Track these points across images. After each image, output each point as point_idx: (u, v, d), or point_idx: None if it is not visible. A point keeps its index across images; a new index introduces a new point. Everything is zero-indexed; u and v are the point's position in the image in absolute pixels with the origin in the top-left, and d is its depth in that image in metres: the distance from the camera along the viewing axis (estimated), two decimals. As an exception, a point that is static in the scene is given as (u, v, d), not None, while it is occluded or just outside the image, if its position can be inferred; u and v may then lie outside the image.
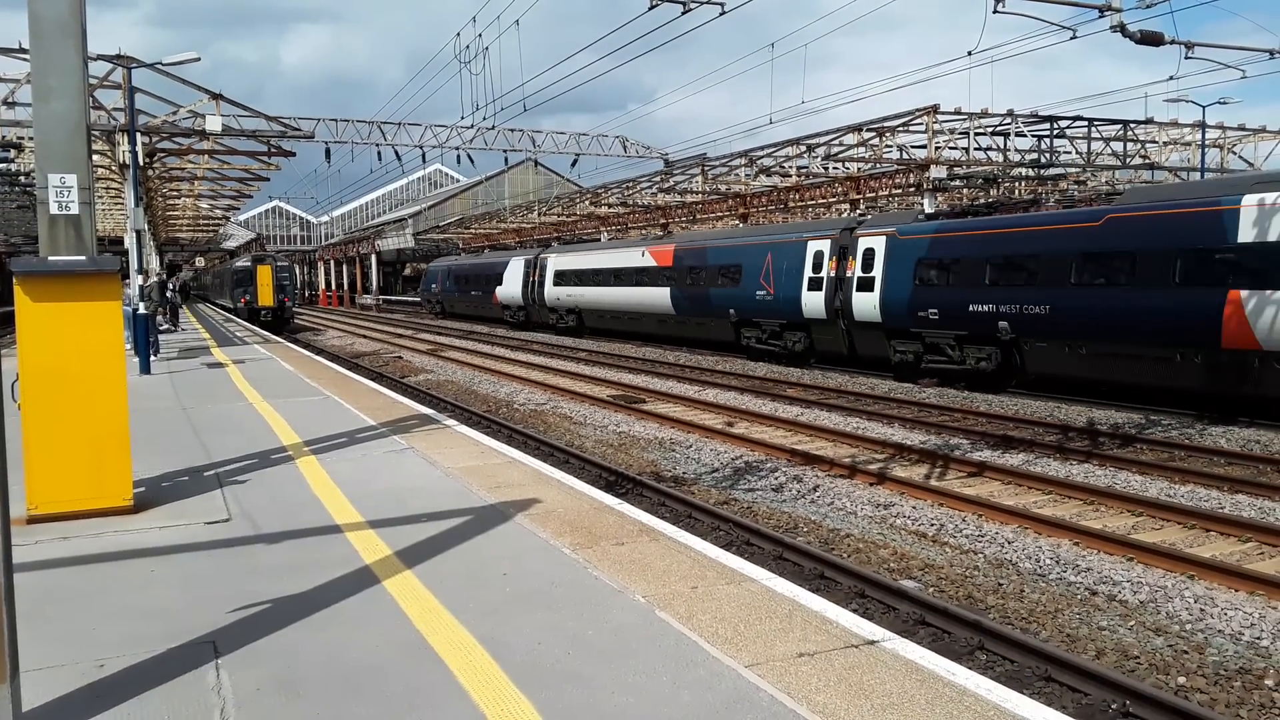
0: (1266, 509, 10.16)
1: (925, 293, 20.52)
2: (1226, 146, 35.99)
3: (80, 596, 5.17)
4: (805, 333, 24.79)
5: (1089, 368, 17.49)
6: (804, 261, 24.32)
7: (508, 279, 43.85)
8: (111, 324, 6.73)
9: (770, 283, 25.52)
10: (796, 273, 24.51)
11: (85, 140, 7.00)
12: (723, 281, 27.75)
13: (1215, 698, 5.91)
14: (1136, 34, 13.63)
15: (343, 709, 3.78)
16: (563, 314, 39.17)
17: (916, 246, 20.97)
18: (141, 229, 22.52)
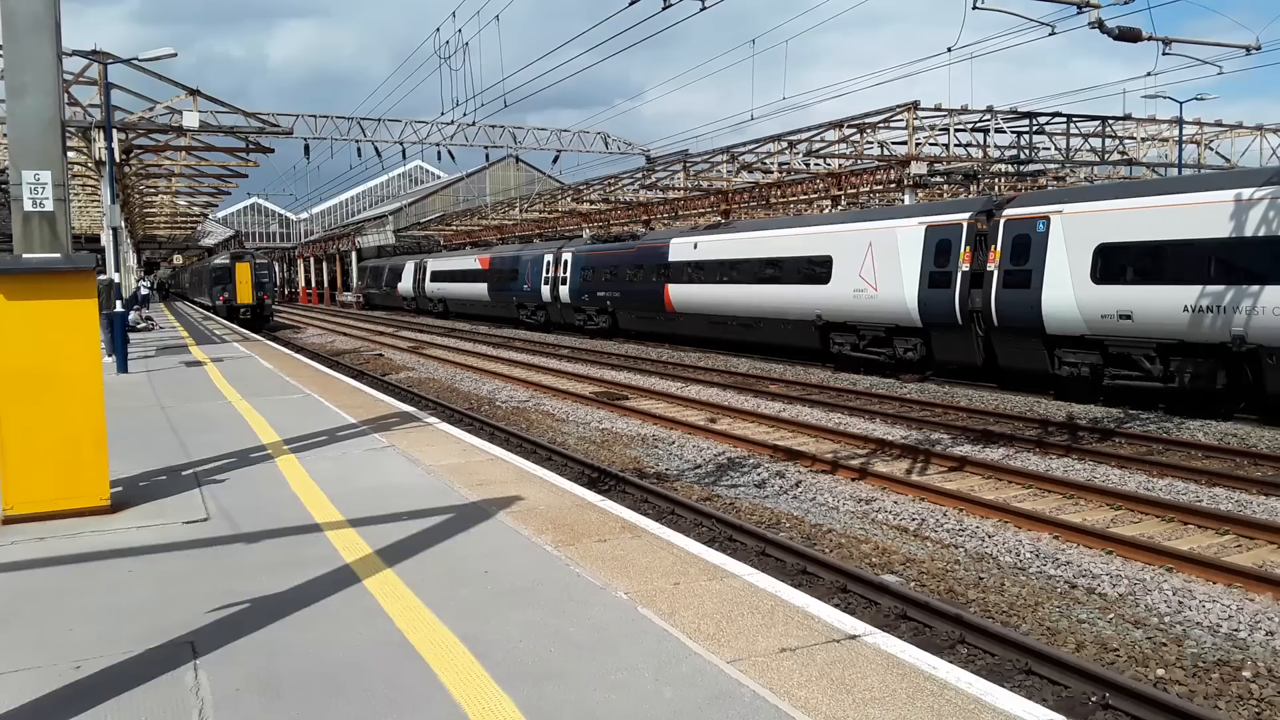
0: (1244, 502, 10.26)
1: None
2: (1204, 142, 36.32)
3: (57, 597, 5.12)
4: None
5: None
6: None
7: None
8: (87, 322, 6.66)
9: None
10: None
11: (60, 137, 6.92)
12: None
13: (1194, 689, 5.96)
14: (1114, 30, 13.73)
15: (323, 709, 3.76)
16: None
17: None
18: (118, 226, 22.32)
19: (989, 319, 18.73)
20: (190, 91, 25.69)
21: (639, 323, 33.13)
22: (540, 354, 29.38)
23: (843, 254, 22.78)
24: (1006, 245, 18.45)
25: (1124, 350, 16.38)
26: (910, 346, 21.24)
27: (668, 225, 43.64)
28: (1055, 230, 17.49)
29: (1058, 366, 17.61)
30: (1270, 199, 14.41)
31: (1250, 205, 14.63)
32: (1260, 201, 14.50)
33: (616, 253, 34.59)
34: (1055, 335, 17.50)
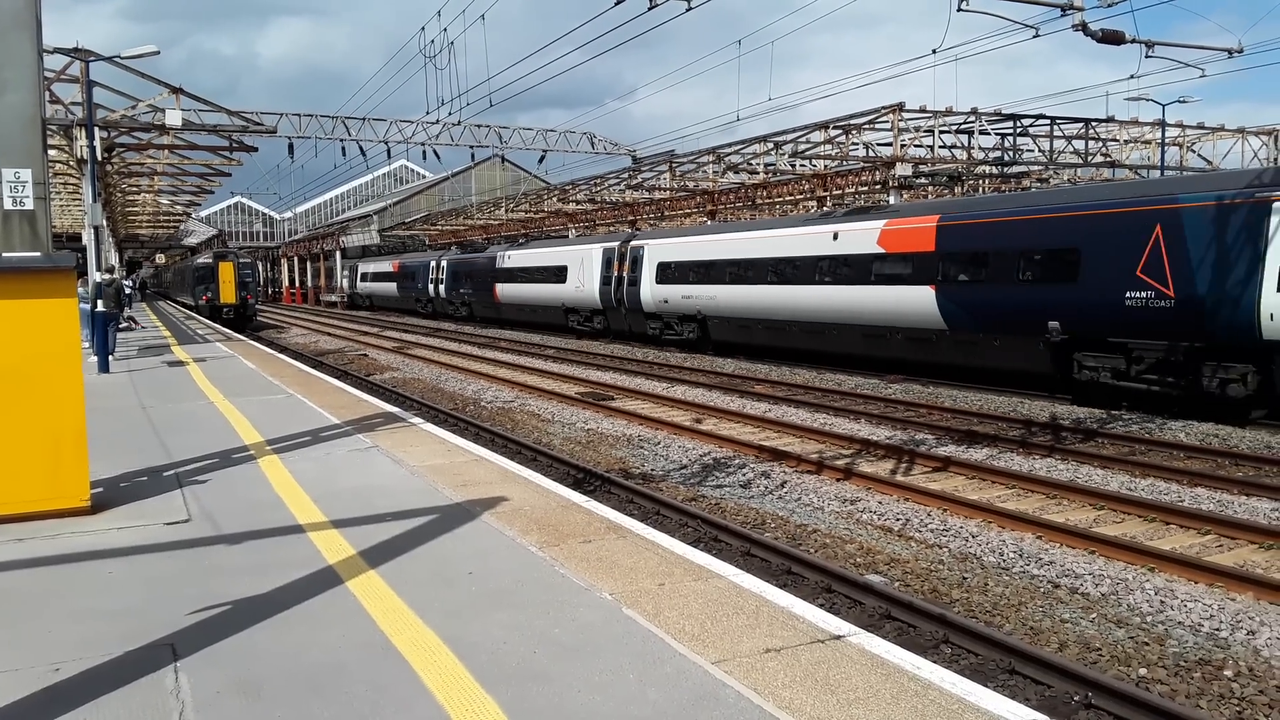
0: (1225, 502, 10.32)
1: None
2: (1186, 145, 36.57)
3: (36, 599, 5.07)
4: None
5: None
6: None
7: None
8: (67, 321, 6.60)
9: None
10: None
11: (40, 134, 6.85)
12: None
13: (1175, 689, 5.99)
14: (1098, 33, 13.82)
15: (304, 711, 3.73)
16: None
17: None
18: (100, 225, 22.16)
19: (624, 304, 32.11)
20: (173, 90, 25.54)
21: (483, 310, 46.01)
22: (525, 354, 29.34)
23: (572, 264, 35.76)
24: (629, 262, 31.66)
25: (668, 319, 30.35)
26: (598, 321, 34.88)
27: (654, 225, 43.70)
28: (647, 254, 30.92)
29: (651, 329, 31.04)
30: (705, 240, 29.01)
31: (701, 245, 28.86)
32: (710, 242, 28.62)
33: (470, 260, 47.60)
34: (648, 311, 30.77)
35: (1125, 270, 16.02)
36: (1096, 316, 16.60)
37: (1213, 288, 14.90)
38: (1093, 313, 16.66)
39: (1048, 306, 17.35)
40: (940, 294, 19.68)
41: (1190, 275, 15.17)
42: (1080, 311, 16.87)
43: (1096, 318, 16.61)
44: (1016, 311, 18.04)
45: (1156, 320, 15.66)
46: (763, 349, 26.43)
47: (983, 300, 18.94)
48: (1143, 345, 16.01)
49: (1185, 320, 15.28)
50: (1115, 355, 16.53)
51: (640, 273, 31.07)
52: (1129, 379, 16.38)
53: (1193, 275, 15.15)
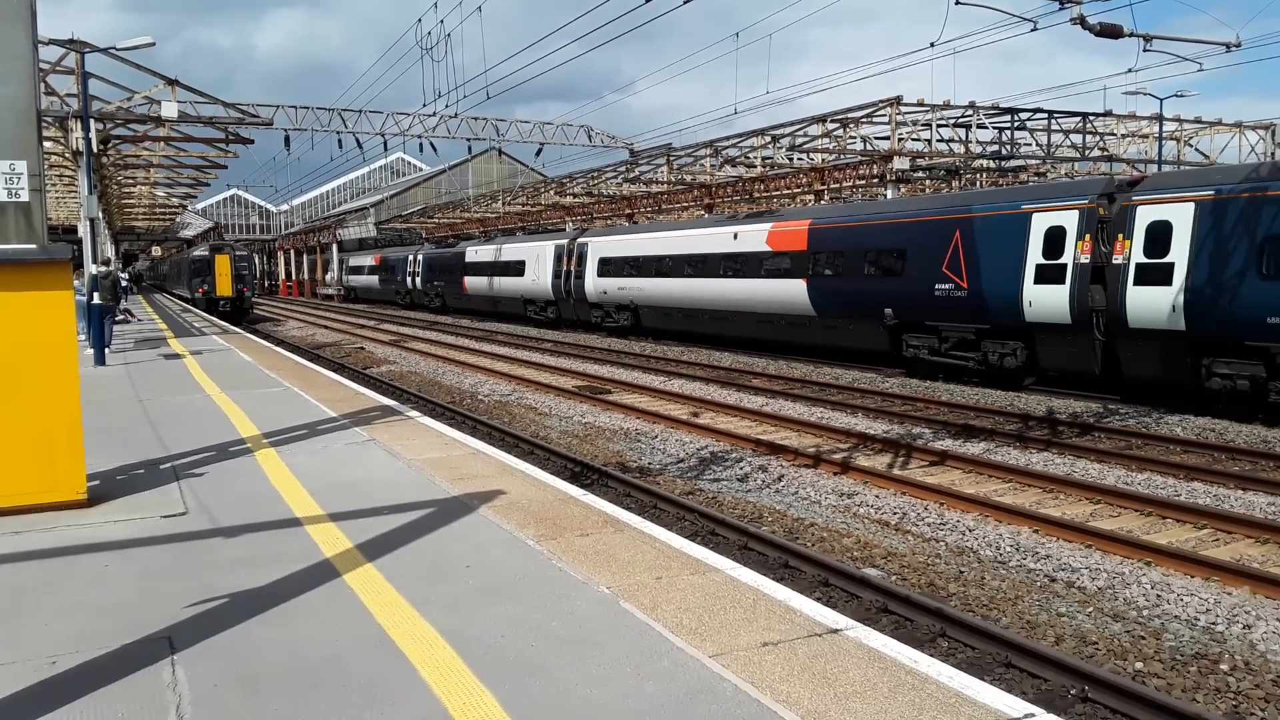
0: (1221, 496, 10.34)
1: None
2: (1183, 139, 36.56)
3: (32, 592, 5.06)
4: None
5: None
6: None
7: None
8: (63, 314, 6.58)
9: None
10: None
11: (35, 126, 6.82)
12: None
13: (1172, 683, 6.00)
14: (1096, 26, 13.80)
15: (302, 704, 3.72)
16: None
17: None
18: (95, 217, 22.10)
19: (572, 295, 35.86)
20: (169, 81, 25.45)
21: (454, 301, 49.76)
22: (524, 348, 29.32)
23: (529, 259, 39.24)
24: (576, 258, 35.47)
25: (608, 308, 34.02)
26: (550, 311, 38.50)
27: (650, 219, 43.68)
28: (591, 251, 34.46)
29: (594, 317, 34.70)
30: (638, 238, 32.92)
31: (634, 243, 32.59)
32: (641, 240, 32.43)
33: (443, 254, 51.23)
34: (592, 301, 34.69)
35: (935, 267, 19.75)
36: (917, 304, 20.32)
37: (992, 281, 18.61)
38: (914, 301, 20.36)
39: (884, 296, 21.11)
40: (810, 286, 23.48)
41: (978, 271, 18.91)
42: (906, 300, 20.61)
43: (917, 305, 20.34)
44: (863, 300, 21.81)
45: (956, 307, 19.45)
46: (683, 334, 30.20)
47: (840, 291, 22.80)
48: (948, 327, 19.84)
49: (975, 307, 19.04)
50: (930, 336, 20.32)
51: (585, 267, 34.89)
52: (941, 355, 20.11)
53: (979, 271, 18.88)
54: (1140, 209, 16.23)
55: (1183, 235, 15.50)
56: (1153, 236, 15.93)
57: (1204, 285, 15.10)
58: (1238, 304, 14.69)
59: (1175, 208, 15.73)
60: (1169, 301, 15.50)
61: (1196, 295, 15.17)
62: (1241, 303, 14.64)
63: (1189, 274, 15.27)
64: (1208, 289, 15.06)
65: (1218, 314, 14.97)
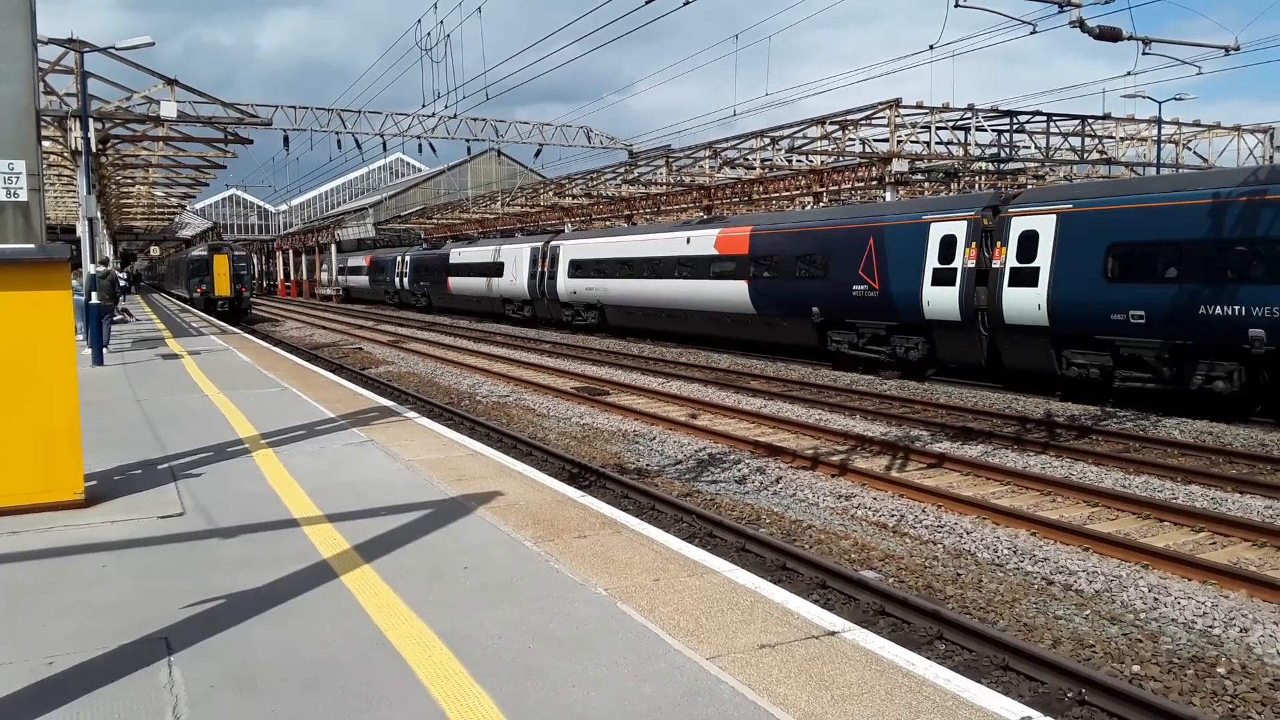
0: (1219, 499, 10.35)
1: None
2: (1182, 142, 36.59)
3: (29, 592, 5.05)
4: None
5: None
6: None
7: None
8: (61, 314, 6.58)
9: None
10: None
11: (34, 125, 6.82)
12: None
13: (1169, 686, 6.00)
14: (1095, 29, 13.81)
15: (298, 706, 3.72)
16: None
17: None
18: (94, 217, 22.08)
19: (546, 295, 37.60)
20: (168, 81, 25.44)
21: (439, 300, 51.27)
22: (522, 349, 29.32)
23: (508, 261, 41.19)
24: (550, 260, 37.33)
25: (577, 307, 35.67)
26: (526, 310, 40.47)
27: (650, 220, 43.68)
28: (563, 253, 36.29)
29: (565, 316, 36.53)
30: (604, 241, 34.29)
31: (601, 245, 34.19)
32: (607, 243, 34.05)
33: (428, 256, 53.29)
34: (563, 301, 36.52)
35: (853, 271, 21.83)
36: (838, 304, 22.49)
37: (898, 284, 20.59)
38: (836, 301, 22.51)
39: (812, 297, 23.34)
40: (751, 287, 25.64)
41: (887, 275, 20.91)
42: (829, 300, 22.74)
43: (838, 305, 22.51)
44: (795, 300, 24.02)
45: (870, 306, 21.57)
46: (644, 331, 32.01)
47: (775, 292, 24.89)
48: (864, 324, 22.02)
49: (885, 306, 21.09)
50: (850, 332, 22.52)
51: (557, 269, 36.73)
52: (858, 349, 22.27)
53: (888, 275, 20.88)
54: (1014, 219, 18.25)
55: (1046, 243, 17.47)
56: (1023, 244, 17.91)
57: (1062, 287, 17.14)
58: (1088, 303, 16.70)
59: (1041, 219, 17.73)
60: (1035, 301, 17.53)
61: (1056, 295, 17.18)
62: (1091, 302, 16.65)
63: (1051, 277, 17.26)
64: (1064, 290, 17.09)
65: (1072, 312, 16.99)
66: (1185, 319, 15.28)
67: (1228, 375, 15.03)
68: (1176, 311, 15.41)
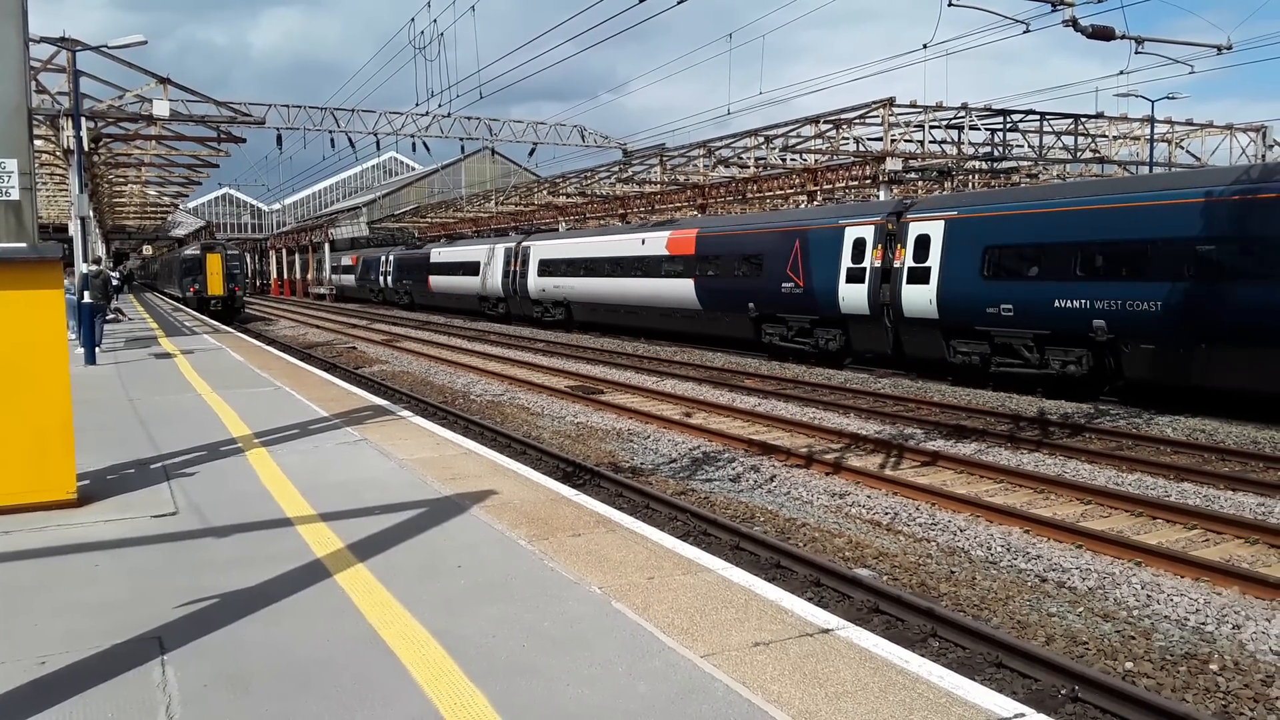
0: (1211, 497, 10.38)
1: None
2: (1174, 141, 36.68)
3: (21, 591, 5.04)
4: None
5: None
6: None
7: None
8: (54, 313, 6.56)
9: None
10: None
11: (26, 124, 6.80)
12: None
13: (1162, 682, 6.02)
14: (1088, 28, 13.84)
15: (292, 705, 3.72)
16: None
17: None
18: (86, 216, 22.00)
19: (518, 293, 39.56)
20: (161, 80, 25.35)
21: (420, 298, 52.80)
22: (516, 348, 29.30)
23: (484, 260, 42.60)
24: (521, 259, 38.95)
25: (546, 304, 37.22)
26: (501, 307, 41.84)
27: (644, 219, 43.65)
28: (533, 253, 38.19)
29: (535, 313, 38.30)
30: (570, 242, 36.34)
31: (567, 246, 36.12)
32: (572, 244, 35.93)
33: (411, 255, 55.02)
34: (533, 298, 38.20)
35: (782, 270, 23.94)
36: (771, 300, 24.58)
37: (819, 282, 22.79)
38: (769, 297, 24.59)
39: (749, 293, 25.48)
40: (697, 285, 27.76)
41: (810, 274, 23.10)
42: (763, 297, 24.84)
43: (771, 301, 24.58)
44: (734, 297, 26.17)
45: (797, 302, 23.70)
46: (606, 326, 33.97)
47: (718, 289, 27.06)
48: (792, 318, 24.19)
49: (808, 302, 23.27)
50: (780, 325, 24.65)
51: (529, 268, 38.67)
52: (788, 341, 24.37)
53: (811, 274, 23.08)
54: (911, 224, 20.36)
55: (936, 246, 19.58)
56: (918, 246, 20.02)
57: (948, 284, 19.30)
58: (968, 298, 18.84)
59: (932, 224, 19.89)
60: (928, 297, 19.68)
61: (943, 292, 19.31)
62: (970, 297, 18.79)
63: (939, 275, 19.41)
64: (950, 287, 19.26)
65: (956, 306, 19.14)
66: (1043, 312, 17.39)
67: (1078, 360, 17.09)
68: (1036, 305, 17.55)
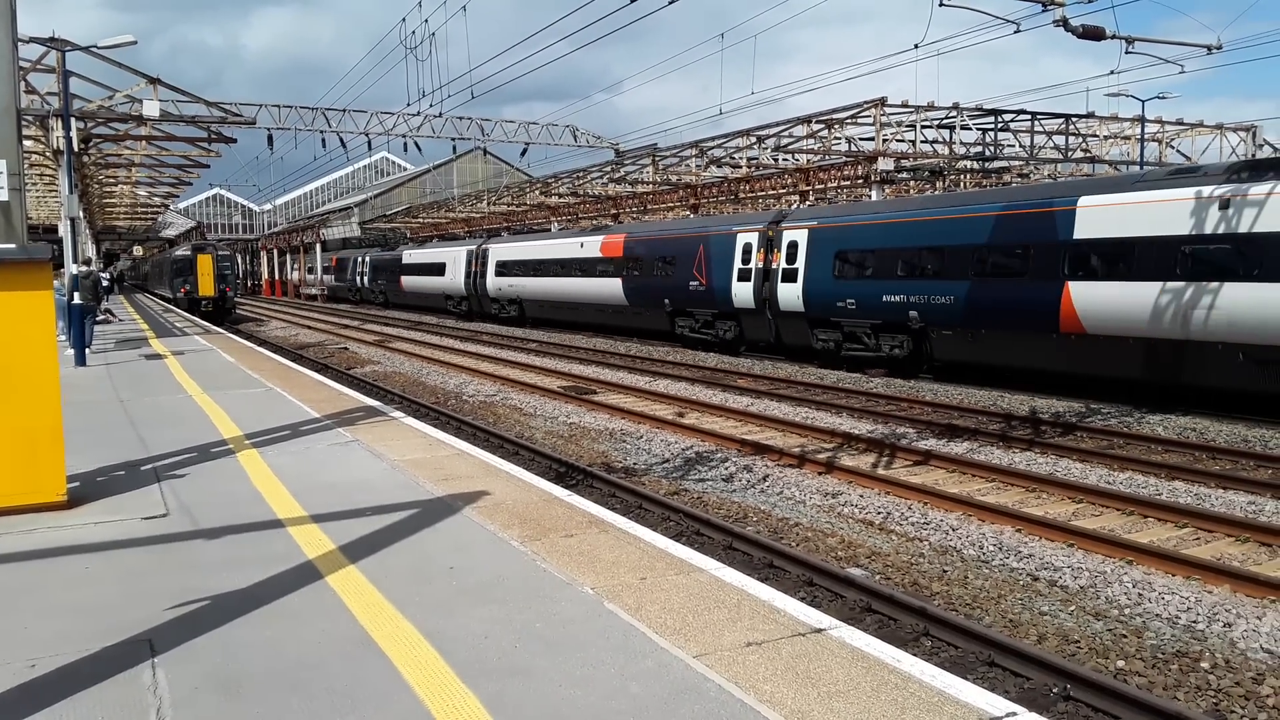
0: (1202, 495, 10.42)
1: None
2: (1165, 140, 36.80)
3: (11, 594, 5.01)
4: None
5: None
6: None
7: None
8: (43, 314, 6.53)
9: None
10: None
11: (15, 124, 6.77)
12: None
13: (1153, 680, 6.04)
14: (1079, 28, 13.87)
15: (284, 706, 3.70)
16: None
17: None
18: (76, 217, 21.92)
19: (478, 292, 42.82)
20: (151, 80, 25.28)
21: (393, 296, 56.34)
22: (509, 348, 29.29)
23: (449, 262, 45.92)
24: (481, 261, 42.10)
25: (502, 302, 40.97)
26: (464, 305, 44.96)
27: (636, 219, 43.69)
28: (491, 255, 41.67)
29: (492, 310, 41.85)
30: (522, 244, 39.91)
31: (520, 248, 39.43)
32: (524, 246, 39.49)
33: (384, 257, 58.60)
34: (491, 297, 41.61)
35: (690, 270, 27.66)
36: (681, 297, 28.33)
37: (718, 280, 26.45)
38: (680, 294, 28.37)
39: (664, 290, 29.24)
40: (624, 283, 31.28)
41: (711, 274, 26.74)
42: (675, 294, 28.63)
43: (682, 297, 28.34)
44: (653, 294, 29.93)
45: (700, 299, 27.48)
46: (554, 322, 37.26)
47: (640, 287, 30.63)
48: (698, 312, 27.87)
49: (710, 298, 26.94)
50: (689, 319, 28.42)
51: (487, 269, 42.07)
52: (695, 332, 28.13)
53: (712, 274, 26.71)
54: (785, 232, 24.08)
55: (802, 251, 23.33)
56: (790, 251, 23.72)
57: (811, 283, 23.06)
58: (825, 295, 22.58)
59: (800, 232, 23.60)
60: (796, 293, 23.47)
61: (808, 289, 23.13)
62: (826, 294, 22.54)
63: (804, 275, 23.18)
64: (812, 285, 23.03)
65: (816, 301, 22.90)
66: (876, 305, 21.11)
67: (901, 344, 20.72)
68: (871, 300, 21.26)
